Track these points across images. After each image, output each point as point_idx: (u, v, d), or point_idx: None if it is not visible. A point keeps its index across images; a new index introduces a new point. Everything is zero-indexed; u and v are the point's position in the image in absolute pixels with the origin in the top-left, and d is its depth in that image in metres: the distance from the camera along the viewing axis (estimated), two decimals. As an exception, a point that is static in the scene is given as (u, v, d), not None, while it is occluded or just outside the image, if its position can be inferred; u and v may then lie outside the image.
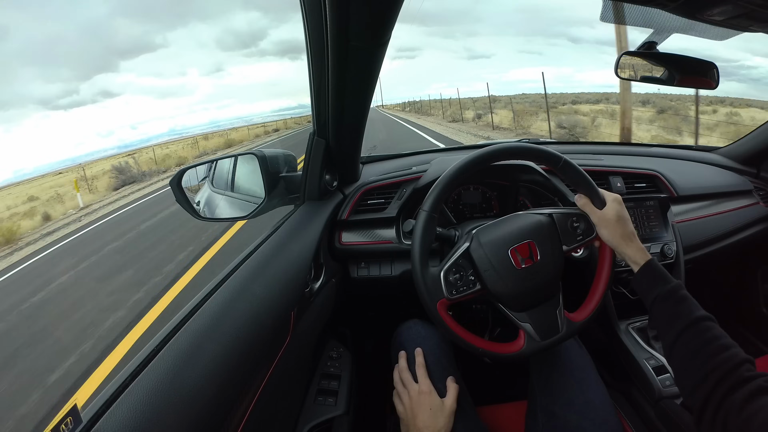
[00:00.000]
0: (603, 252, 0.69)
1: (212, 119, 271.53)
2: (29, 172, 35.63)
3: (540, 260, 0.63)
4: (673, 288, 0.57)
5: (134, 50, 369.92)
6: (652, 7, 0.60)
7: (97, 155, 45.47)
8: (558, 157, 0.68)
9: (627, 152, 1.21)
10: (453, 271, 0.63)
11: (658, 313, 0.57)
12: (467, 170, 0.67)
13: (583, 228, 0.67)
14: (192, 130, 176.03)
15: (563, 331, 0.64)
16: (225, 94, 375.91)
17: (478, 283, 0.64)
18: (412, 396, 0.65)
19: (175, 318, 0.52)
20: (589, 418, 0.64)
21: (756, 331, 1.17)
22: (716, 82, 0.88)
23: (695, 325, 0.53)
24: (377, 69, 0.63)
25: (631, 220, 0.65)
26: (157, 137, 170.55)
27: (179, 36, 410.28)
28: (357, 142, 0.87)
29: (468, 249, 0.64)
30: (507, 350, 0.64)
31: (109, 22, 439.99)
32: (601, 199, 0.66)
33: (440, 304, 0.62)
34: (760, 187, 1.12)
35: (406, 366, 0.70)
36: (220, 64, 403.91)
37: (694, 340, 0.52)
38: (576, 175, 0.67)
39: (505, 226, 0.66)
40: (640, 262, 0.61)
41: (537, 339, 0.63)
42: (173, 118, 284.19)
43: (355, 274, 0.94)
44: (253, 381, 0.53)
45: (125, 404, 0.39)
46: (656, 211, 0.97)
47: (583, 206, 0.67)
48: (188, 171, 0.89)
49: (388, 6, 0.48)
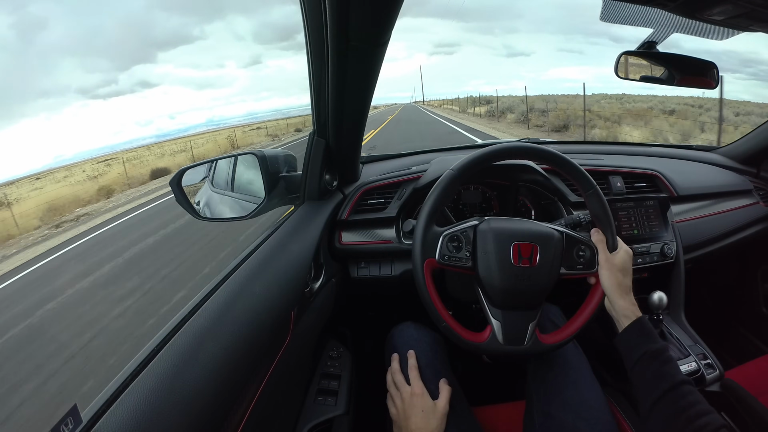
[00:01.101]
0: (594, 291, 0.68)
1: (249, 111, 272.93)
2: (69, 158, 36.18)
3: (537, 266, 0.63)
4: (662, 348, 0.57)
5: (172, 42, 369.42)
6: (652, 7, 0.60)
7: (136, 143, 45.86)
8: (591, 184, 0.67)
9: (627, 152, 1.21)
10: (453, 239, 0.65)
11: (643, 371, 0.57)
12: (496, 159, 0.68)
13: (587, 259, 0.66)
14: (230, 120, 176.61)
15: (527, 346, 0.64)
16: (262, 87, 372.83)
17: (471, 261, 0.64)
18: (405, 398, 0.65)
19: (175, 318, 0.52)
20: (585, 418, 0.64)
21: (756, 331, 1.17)
22: (716, 82, 0.88)
23: (679, 388, 0.53)
24: (377, 69, 0.63)
25: (631, 278, 0.66)
26: (194, 127, 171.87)
27: (217, 28, 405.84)
28: (357, 142, 0.87)
29: (476, 226, 0.66)
30: (469, 337, 0.64)
31: (147, 14, 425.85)
32: (614, 243, 0.66)
33: (428, 262, 0.64)
34: (760, 187, 1.12)
35: (398, 368, 0.71)
36: (258, 57, 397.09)
37: (677, 402, 0.52)
38: (602, 209, 0.67)
39: (518, 222, 0.67)
40: (631, 316, 0.61)
41: (500, 341, 0.63)
42: (211, 109, 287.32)
43: (355, 274, 0.94)
44: (253, 381, 0.53)
45: (125, 404, 0.39)
46: (656, 211, 0.97)
47: (597, 242, 0.67)
48: (188, 171, 0.89)
49: (388, 6, 0.48)
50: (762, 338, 1.15)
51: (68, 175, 16.66)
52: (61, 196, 9.15)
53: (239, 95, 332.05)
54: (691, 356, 0.80)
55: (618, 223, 0.92)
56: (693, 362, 0.78)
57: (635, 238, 0.93)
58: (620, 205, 0.94)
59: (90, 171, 16.31)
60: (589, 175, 0.68)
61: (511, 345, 0.63)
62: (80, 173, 16.28)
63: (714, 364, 0.79)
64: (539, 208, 0.99)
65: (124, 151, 21.69)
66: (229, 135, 21.45)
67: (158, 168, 12.27)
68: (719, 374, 0.77)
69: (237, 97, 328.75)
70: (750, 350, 1.15)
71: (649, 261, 0.91)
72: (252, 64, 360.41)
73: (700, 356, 0.80)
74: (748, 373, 0.84)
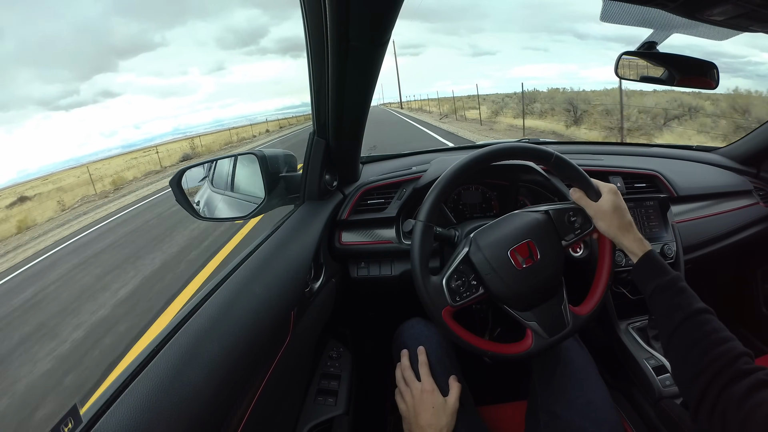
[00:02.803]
0: (602, 244, 0.68)
1: (216, 118, 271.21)
2: (34, 172, 35.84)
3: (540, 259, 0.63)
4: (672, 279, 0.57)
5: (133, 49, 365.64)
6: (652, 7, 0.60)
7: (102, 155, 45.68)
8: (549, 154, 0.67)
9: (627, 152, 1.21)
10: (455, 278, 0.63)
11: (657, 304, 0.57)
12: (466, 171, 0.66)
13: (581, 222, 0.67)
14: (196, 128, 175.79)
15: (570, 326, 0.64)
16: (228, 93, 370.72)
17: (480, 287, 0.63)
18: (415, 394, 0.65)
19: (175, 318, 0.52)
20: (590, 418, 0.64)
21: (756, 331, 1.17)
22: (716, 82, 0.88)
23: (694, 317, 0.52)
24: (377, 69, 0.63)
25: (628, 210, 0.65)
26: (161, 136, 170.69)
27: (178, 34, 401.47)
28: (357, 142, 0.87)
29: (467, 254, 0.64)
30: (515, 350, 0.64)
31: (104, 21, 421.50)
32: (595, 190, 0.66)
33: (445, 311, 0.62)
34: (760, 187, 1.12)
35: (408, 364, 0.70)
36: (221, 63, 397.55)
37: (693, 332, 0.51)
38: (569, 169, 0.67)
39: (503, 227, 0.66)
40: (638, 253, 0.61)
41: (545, 336, 0.63)
42: (176, 117, 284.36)
43: (355, 274, 0.94)
44: (253, 381, 0.53)
45: (125, 404, 0.39)
46: (656, 211, 0.97)
47: (579, 200, 0.66)
48: (188, 171, 0.89)
49: (388, 6, 0.48)
50: (762, 338, 1.15)
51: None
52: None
53: (204, 102, 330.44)
54: None
55: None
56: None
57: None
58: None
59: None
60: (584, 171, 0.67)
61: (556, 334, 0.63)
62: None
63: None
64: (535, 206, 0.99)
65: (90, 163, 21.23)
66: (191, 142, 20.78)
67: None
68: None
69: (202, 104, 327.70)
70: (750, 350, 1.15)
71: None
72: (216, 70, 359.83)
73: None
74: None
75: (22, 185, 20.91)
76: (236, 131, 28.09)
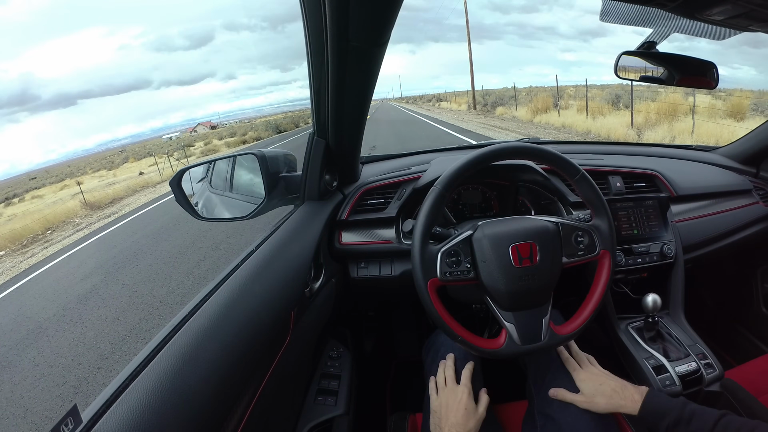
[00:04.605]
0: (600, 271, 0.68)
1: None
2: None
3: (538, 263, 0.63)
4: (678, 413, 0.57)
5: None
6: (651, 7, 0.60)
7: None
8: (576, 169, 0.68)
9: (626, 152, 1.21)
10: (451, 254, 0.64)
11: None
12: (484, 162, 0.67)
13: (586, 244, 0.67)
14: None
15: (544, 341, 0.64)
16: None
17: (472, 271, 0.64)
18: (456, 394, 0.68)
19: (175, 318, 0.52)
20: (585, 420, 0.64)
21: (756, 331, 1.17)
22: (716, 82, 0.88)
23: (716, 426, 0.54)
24: (377, 69, 0.63)
25: (606, 376, 0.67)
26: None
27: None
28: (357, 142, 0.87)
29: (470, 236, 0.65)
30: (485, 345, 0.64)
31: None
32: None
33: (431, 282, 0.63)
34: (760, 187, 1.12)
35: (452, 365, 0.74)
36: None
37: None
38: (593, 193, 0.68)
39: (511, 223, 0.66)
40: (638, 399, 0.62)
41: (517, 342, 0.63)
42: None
43: (355, 274, 0.94)
44: (253, 381, 0.53)
45: (125, 404, 0.39)
46: (656, 211, 0.97)
47: (559, 395, 0.67)
48: (188, 171, 0.89)
49: (388, 6, 0.48)
50: (762, 338, 1.15)
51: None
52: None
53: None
54: (691, 356, 0.80)
55: (617, 223, 0.92)
56: (693, 362, 0.79)
57: (635, 238, 0.93)
58: (620, 205, 0.94)
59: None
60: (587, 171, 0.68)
61: (529, 344, 0.63)
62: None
63: (714, 364, 0.79)
64: (539, 208, 0.99)
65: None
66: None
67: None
68: (719, 374, 0.77)
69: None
70: (750, 350, 1.15)
71: (649, 261, 0.91)
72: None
73: (699, 356, 0.80)
74: (747, 373, 0.84)
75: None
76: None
